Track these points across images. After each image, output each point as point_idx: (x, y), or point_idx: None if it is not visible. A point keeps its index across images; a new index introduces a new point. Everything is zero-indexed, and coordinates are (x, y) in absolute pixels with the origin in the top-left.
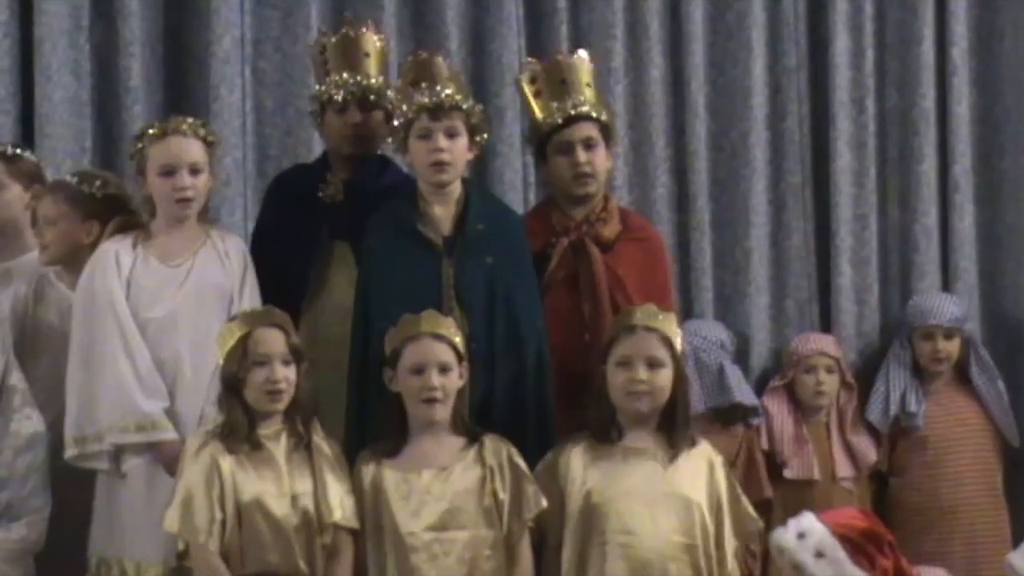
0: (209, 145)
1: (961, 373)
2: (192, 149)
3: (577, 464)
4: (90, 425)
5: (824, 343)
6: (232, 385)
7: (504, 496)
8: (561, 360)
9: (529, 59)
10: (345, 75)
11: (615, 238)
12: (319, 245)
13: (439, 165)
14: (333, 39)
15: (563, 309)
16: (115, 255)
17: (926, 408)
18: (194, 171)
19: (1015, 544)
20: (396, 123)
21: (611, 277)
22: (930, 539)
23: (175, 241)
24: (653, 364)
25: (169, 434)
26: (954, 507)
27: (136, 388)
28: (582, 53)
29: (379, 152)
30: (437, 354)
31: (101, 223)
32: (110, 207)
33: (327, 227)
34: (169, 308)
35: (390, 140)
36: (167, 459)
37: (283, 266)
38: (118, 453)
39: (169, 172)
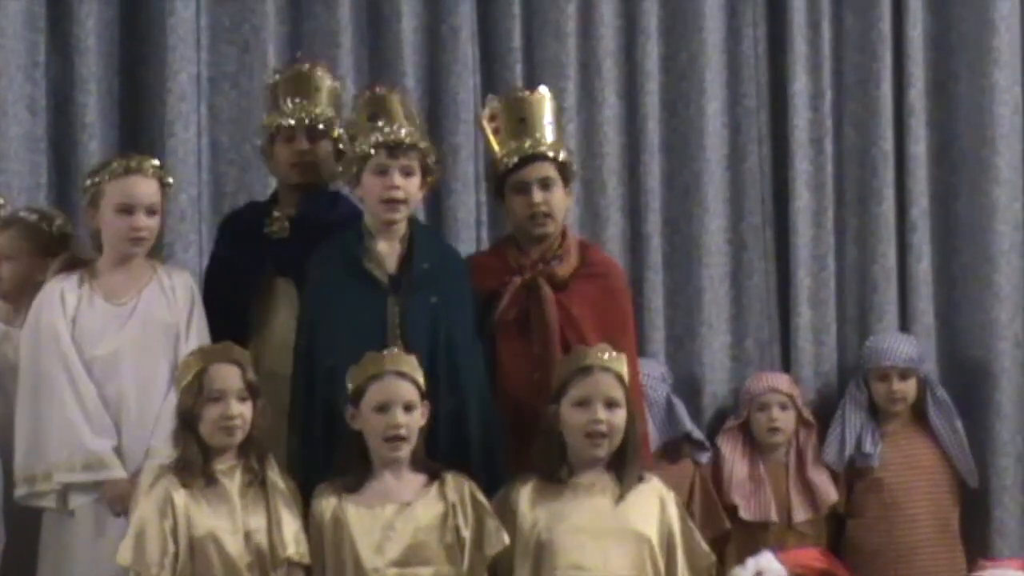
0: (164, 187)
1: (918, 414)
2: (151, 190)
3: (526, 501)
4: (39, 464)
5: (776, 380)
6: (187, 420)
7: (466, 532)
8: (512, 399)
9: (491, 96)
10: (292, 104)
11: (571, 276)
12: (264, 279)
13: (393, 203)
14: (287, 74)
15: (514, 348)
16: (60, 293)
17: (883, 449)
18: (151, 212)
19: None
20: (349, 155)
21: (564, 316)
22: None
23: (121, 278)
24: (611, 404)
25: (116, 472)
26: (911, 549)
27: (84, 426)
28: (543, 90)
29: (330, 187)
30: (402, 393)
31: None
32: (65, 245)
33: (272, 262)
34: (114, 346)
35: (340, 175)
36: (112, 498)
37: (230, 302)
38: (65, 491)
39: (127, 210)
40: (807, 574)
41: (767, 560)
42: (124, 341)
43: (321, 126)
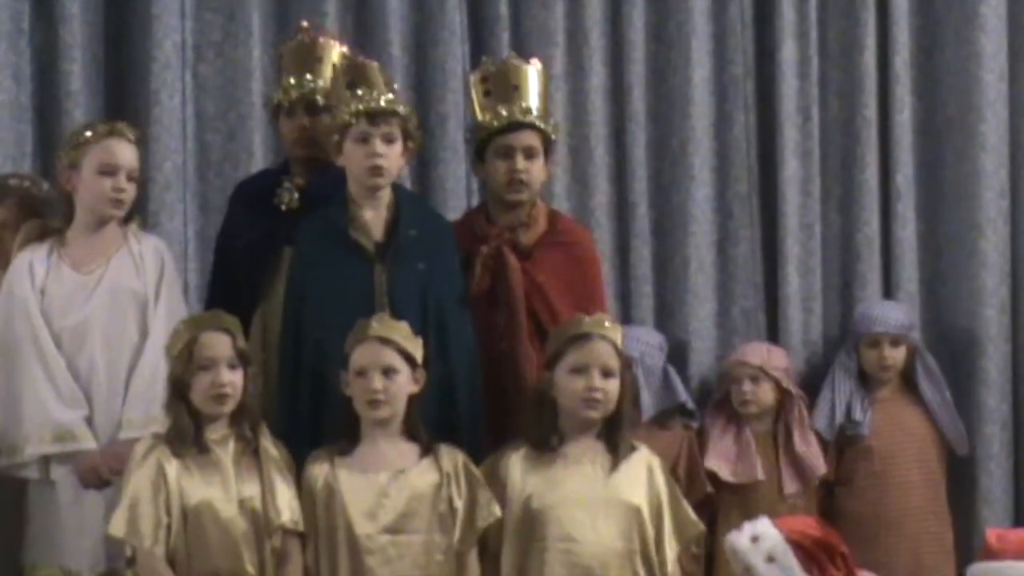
0: (140, 155)
1: (907, 382)
2: (132, 155)
3: (516, 471)
4: (16, 435)
5: (746, 353)
6: (178, 389)
7: (459, 503)
8: (481, 369)
9: (487, 57)
10: (293, 79)
11: (536, 244)
12: (273, 251)
13: (376, 170)
14: (291, 45)
15: (480, 318)
16: (29, 265)
17: (872, 417)
18: (130, 177)
19: (959, 554)
20: (328, 124)
21: (529, 284)
22: (876, 549)
23: (90, 246)
24: (607, 373)
25: (86, 444)
26: (900, 517)
27: (52, 398)
28: (537, 63)
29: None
30: (382, 357)
31: None
32: (51, 210)
33: (282, 233)
34: (81, 316)
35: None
36: (83, 469)
37: (239, 271)
38: (46, 461)
39: (109, 172)
40: (802, 541)
41: (764, 526)
42: (92, 311)
43: (320, 100)
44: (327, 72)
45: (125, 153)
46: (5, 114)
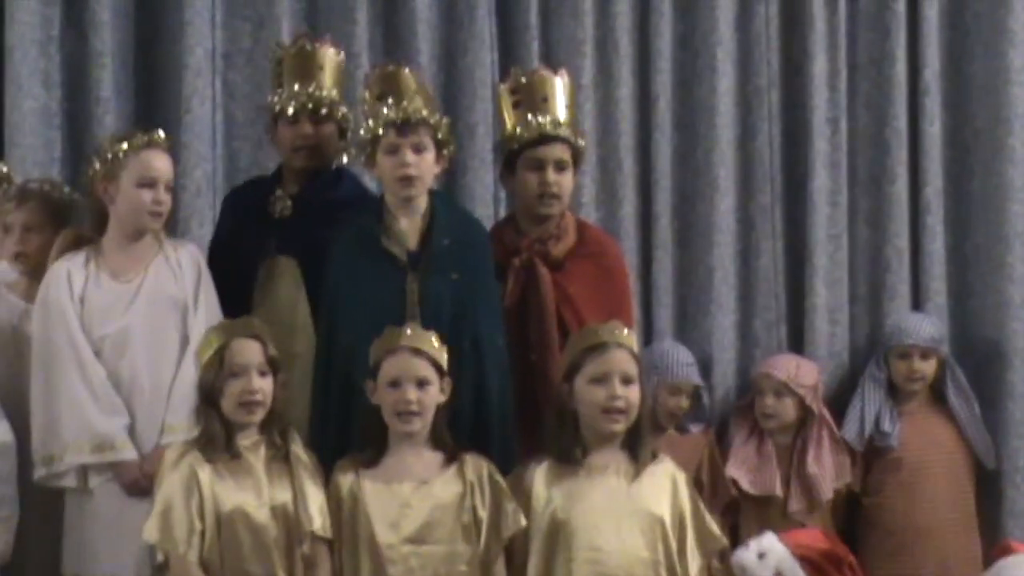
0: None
1: (936, 395)
2: (169, 165)
3: (541, 483)
4: (54, 444)
5: (772, 366)
6: (209, 395)
7: (484, 513)
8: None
9: (516, 67)
10: (297, 87)
11: (567, 255)
12: (266, 259)
13: (407, 180)
14: (291, 51)
15: (511, 329)
16: (67, 274)
17: (901, 429)
18: (168, 188)
19: (986, 566)
20: (361, 137)
21: (560, 295)
22: (904, 561)
23: (127, 256)
24: (627, 381)
25: (127, 454)
26: (928, 529)
27: (92, 407)
28: (565, 74)
29: (335, 165)
30: (415, 369)
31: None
32: (73, 214)
33: (275, 241)
34: (122, 324)
35: (345, 157)
36: (125, 480)
37: (232, 279)
38: (84, 470)
39: (149, 184)
40: (808, 554)
41: (769, 541)
42: (133, 318)
43: (324, 110)
44: (328, 79)
45: (163, 165)
46: (35, 120)
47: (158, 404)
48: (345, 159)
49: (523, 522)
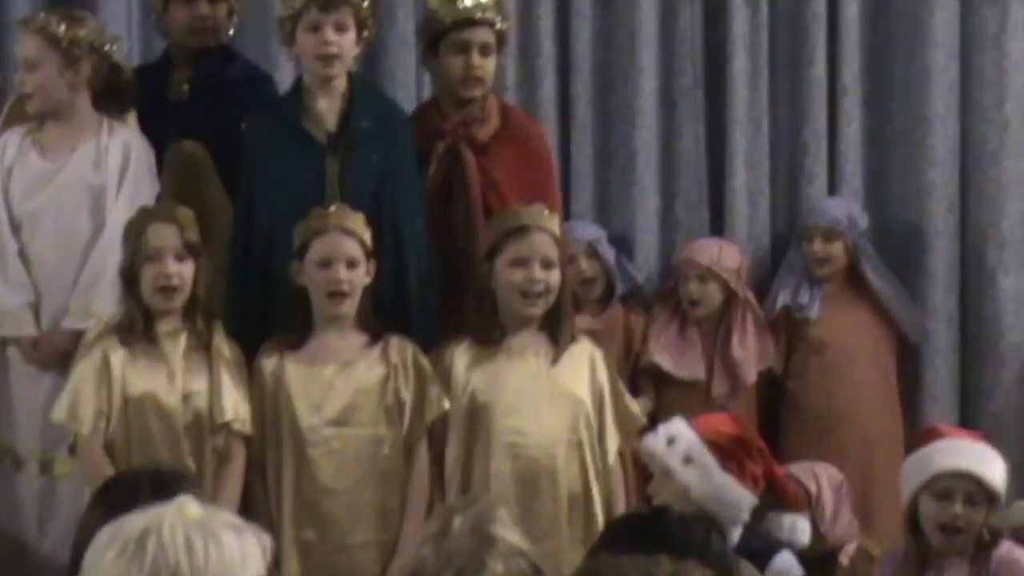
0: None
1: (855, 278)
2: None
3: (460, 365)
4: None
5: (694, 251)
6: (127, 280)
7: (407, 396)
8: (436, 267)
9: None
10: None
11: (491, 139)
12: (168, 145)
13: (328, 58)
14: None
15: (435, 215)
16: (3, 144)
17: (823, 311)
18: (97, 65)
19: (907, 449)
20: (280, 14)
21: (485, 180)
22: (827, 444)
23: (60, 134)
24: (548, 264)
25: (26, 329)
26: (851, 413)
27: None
28: None
29: (223, 44)
30: (345, 249)
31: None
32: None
33: (176, 125)
34: (37, 203)
35: (232, 32)
36: (28, 354)
37: None
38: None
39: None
40: (718, 439)
41: (677, 426)
42: (47, 199)
43: None
44: None
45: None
46: None
47: (61, 288)
48: (231, 33)
49: (446, 406)
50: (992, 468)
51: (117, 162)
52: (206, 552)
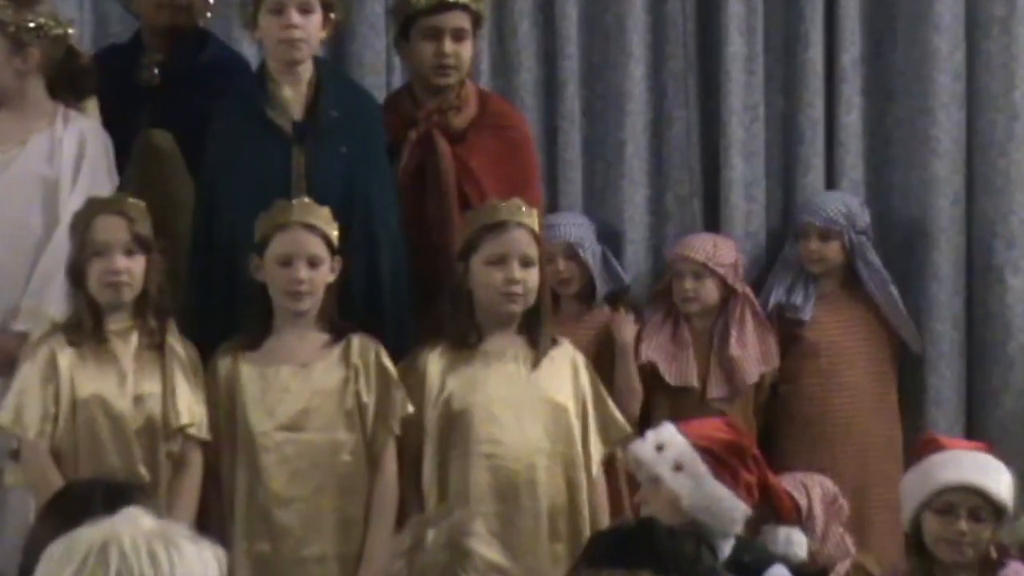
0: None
1: (853, 277)
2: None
3: (435, 370)
4: None
5: (688, 247)
6: (75, 276)
7: (368, 399)
8: (407, 260)
9: None
10: None
11: (468, 127)
12: (138, 133)
13: (292, 43)
14: None
15: (409, 207)
16: None
17: (818, 312)
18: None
19: (906, 457)
20: None
21: (462, 170)
22: (822, 451)
23: (12, 124)
24: (526, 263)
25: None
26: (847, 419)
27: None
28: None
29: (199, 26)
30: (307, 246)
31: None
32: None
33: (146, 114)
34: None
35: (209, 14)
36: None
37: None
38: None
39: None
40: (710, 446)
41: (668, 432)
42: None
43: None
44: None
45: None
46: None
47: (8, 288)
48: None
49: (410, 408)
50: (998, 480)
51: (72, 153)
52: (170, 561)
